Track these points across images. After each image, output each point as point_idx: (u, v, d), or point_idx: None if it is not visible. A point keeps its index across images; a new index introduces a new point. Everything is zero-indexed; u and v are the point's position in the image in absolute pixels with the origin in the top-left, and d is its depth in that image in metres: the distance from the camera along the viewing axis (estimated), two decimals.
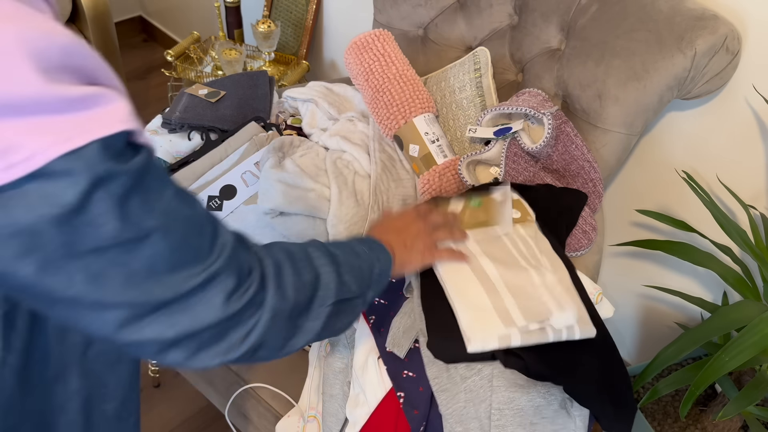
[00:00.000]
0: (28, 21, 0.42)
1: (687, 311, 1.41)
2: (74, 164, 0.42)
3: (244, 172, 1.17)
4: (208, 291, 0.53)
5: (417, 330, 0.89)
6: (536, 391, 0.84)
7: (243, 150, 1.21)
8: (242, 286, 0.55)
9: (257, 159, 1.18)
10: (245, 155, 1.20)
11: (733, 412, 0.92)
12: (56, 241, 0.44)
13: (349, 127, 1.24)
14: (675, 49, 1.06)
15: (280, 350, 0.62)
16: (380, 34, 1.27)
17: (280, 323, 0.60)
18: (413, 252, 0.83)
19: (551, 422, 0.83)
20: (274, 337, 0.59)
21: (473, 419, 0.82)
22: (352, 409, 0.88)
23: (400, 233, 0.83)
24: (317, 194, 1.08)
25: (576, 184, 1.16)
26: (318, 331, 0.65)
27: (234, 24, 1.89)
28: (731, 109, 1.18)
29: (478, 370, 0.84)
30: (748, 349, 0.87)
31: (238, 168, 1.18)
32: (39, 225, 0.43)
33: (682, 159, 1.29)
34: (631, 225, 1.45)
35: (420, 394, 0.85)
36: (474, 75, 1.26)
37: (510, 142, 1.15)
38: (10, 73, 0.40)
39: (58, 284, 0.46)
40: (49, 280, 0.45)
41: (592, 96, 1.16)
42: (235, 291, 0.54)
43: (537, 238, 0.98)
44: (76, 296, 0.47)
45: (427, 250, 0.85)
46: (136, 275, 0.48)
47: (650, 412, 1.26)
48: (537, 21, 1.25)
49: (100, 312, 0.49)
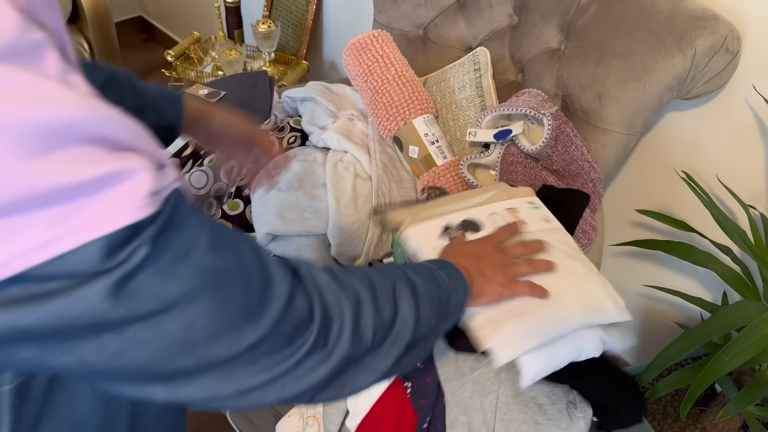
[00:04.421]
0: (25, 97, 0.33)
1: (687, 311, 1.41)
2: (61, 269, 0.35)
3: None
4: (254, 354, 0.45)
5: None
6: (541, 389, 0.84)
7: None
8: (297, 340, 0.47)
9: None
10: None
11: (733, 411, 0.92)
12: (49, 331, 0.37)
13: (348, 126, 1.24)
14: (675, 49, 1.06)
15: (341, 394, 0.53)
16: (379, 35, 1.27)
17: (347, 368, 0.51)
18: (492, 283, 0.73)
19: (555, 425, 0.83)
20: (346, 377, 0.52)
21: (478, 411, 0.82)
22: (353, 401, 0.89)
23: (479, 261, 0.73)
24: (314, 210, 1.08)
25: (576, 184, 1.16)
26: (386, 371, 0.56)
27: (234, 24, 1.89)
28: (731, 109, 1.18)
29: (487, 363, 0.84)
30: (748, 349, 0.87)
31: None
32: (29, 327, 0.36)
33: (681, 159, 1.29)
34: (630, 225, 1.45)
35: (428, 384, 0.85)
36: (474, 75, 1.26)
37: (506, 147, 1.15)
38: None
39: (71, 363, 0.39)
40: (60, 360, 0.39)
41: (591, 96, 1.16)
42: (287, 346, 0.46)
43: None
44: (95, 370, 0.41)
45: (507, 284, 0.75)
46: (167, 349, 0.41)
47: (650, 412, 1.26)
48: (537, 21, 1.25)
49: (137, 385, 0.43)
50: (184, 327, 0.41)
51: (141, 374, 0.42)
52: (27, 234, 0.34)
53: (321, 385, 0.49)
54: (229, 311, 0.43)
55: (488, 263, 0.74)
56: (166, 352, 0.41)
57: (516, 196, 1.00)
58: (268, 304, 0.45)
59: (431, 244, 0.86)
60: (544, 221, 0.97)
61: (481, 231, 0.90)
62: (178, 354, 0.41)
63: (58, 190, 0.34)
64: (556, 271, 0.81)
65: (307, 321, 0.48)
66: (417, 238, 0.88)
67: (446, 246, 0.79)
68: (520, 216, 0.95)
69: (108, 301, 0.37)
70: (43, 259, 0.34)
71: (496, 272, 0.74)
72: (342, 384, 0.51)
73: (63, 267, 0.35)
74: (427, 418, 0.84)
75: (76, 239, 0.35)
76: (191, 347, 0.42)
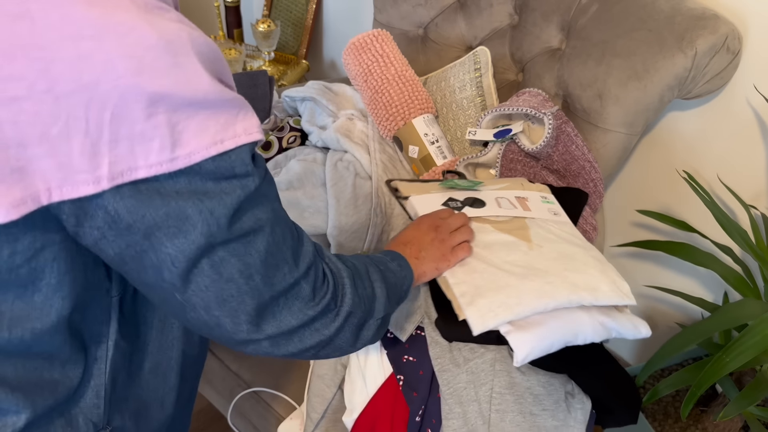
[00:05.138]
0: (192, 27, 0.47)
1: (688, 311, 1.41)
2: (222, 165, 0.48)
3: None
4: (293, 293, 0.56)
5: (420, 315, 0.89)
6: (537, 380, 0.84)
7: None
8: (318, 294, 0.59)
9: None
10: None
11: (733, 412, 0.92)
12: (199, 229, 0.48)
13: (348, 126, 1.23)
14: (675, 49, 1.06)
15: (347, 350, 0.66)
16: (379, 35, 1.26)
17: (350, 327, 0.63)
18: (426, 262, 0.83)
19: (552, 416, 0.83)
20: (343, 339, 0.63)
21: (473, 401, 0.82)
22: (350, 396, 0.88)
23: (413, 246, 0.83)
24: (314, 210, 1.08)
25: (577, 184, 1.16)
26: (368, 341, 0.68)
27: (234, 23, 1.89)
28: (732, 109, 1.18)
29: (481, 353, 0.84)
30: (749, 349, 0.87)
31: None
32: (185, 209, 0.47)
33: (682, 159, 1.29)
34: (631, 225, 1.45)
35: (420, 377, 0.85)
36: (474, 75, 1.26)
37: (507, 145, 1.15)
38: (186, 71, 0.45)
39: (187, 267, 0.50)
40: (182, 264, 0.50)
41: (592, 96, 1.16)
42: (312, 299, 0.58)
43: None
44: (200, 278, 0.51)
45: (442, 257, 0.85)
46: (251, 267, 0.52)
47: (651, 413, 1.25)
48: (537, 20, 1.25)
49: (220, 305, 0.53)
50: (262, 251, 0.53)
51: (227, 292, 0.52)
52: (209, 130, 0.47)
53: (326, 341, 0.61)
54: (286, 247, 0.55)
55: (421, 244, 0.84)
56: (250, 270, 0.52)
57: (531, 189, 1.02)
58: (302, 255, 0.57)
59: (430, 211, 0.91)
60: (553, 214, 0.98)
61: (485, 208, 0.94)
62: (252, 277, 0.53)
63: (226, 100, 0.47)
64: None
65: (324, 280, 0.60)
66: (420, 204, 0.93)
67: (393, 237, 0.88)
68: (528, 205, 0.97)
69: (244, 210, 0.51)
70: (217, 151, 0.47)
71: (429, 251, 0.84)
72: (337, 346, 0.63)
73: (224, 165, 0.48)
74: (419, 411, 0.84)
75: (236, 141, 0.48)
76: (266, 267, 0.53)
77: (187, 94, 0.45)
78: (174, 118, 0.45)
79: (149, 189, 0.46)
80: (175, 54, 0.44)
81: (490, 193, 0.99)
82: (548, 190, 1.05)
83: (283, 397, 1.01)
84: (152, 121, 0.44)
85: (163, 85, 0.44)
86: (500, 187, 1.02)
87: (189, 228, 0.48)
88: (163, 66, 0.44)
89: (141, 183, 0.46)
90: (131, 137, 0.44)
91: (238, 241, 0.51)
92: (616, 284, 0.86)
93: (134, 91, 0.43)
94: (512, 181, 1.06)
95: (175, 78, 0.44)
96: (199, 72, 0.45)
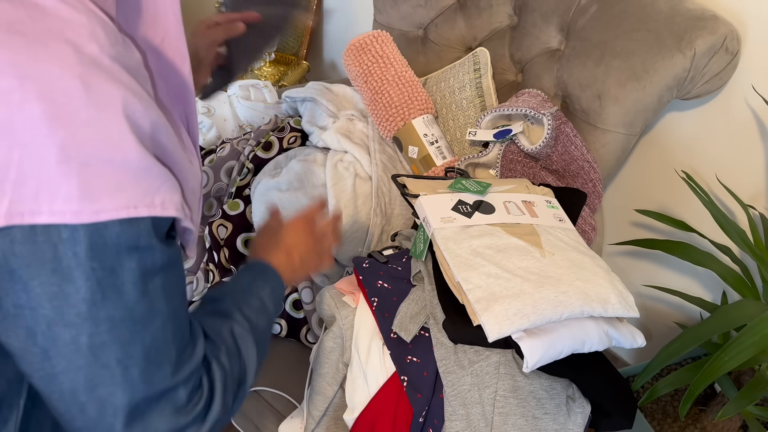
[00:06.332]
0: (140, 98, 0.47)
1: (686, 311, 1.42)
2: (128, 231, 0.46)
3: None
4: (167, 398, 0.52)
5: (425, 317, 0.89)
6: (540, 384, 0.84)
7: None
8: (191, 402, 0.55)
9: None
10: None
11: (732, 411, 0.92)
12: (81, 295, 0.46)
13: (348, 126, 1.24)
14: (675, 50, 1.06)
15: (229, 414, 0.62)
16: (378, 35, 1.27)
17: (213, 427, 0.59)
18: (301, 271, 0.81)
19: (553, 419, 0.84)
20: (220, 418, 0.59)
21: (476, 404, 0.82)
22: (351, 395, 0.89)
23: (289, 254, 0.79)
24: None
25: (576, 184, 1.16)
26: (255, 373, 0.65)
27: None
28: (731, 109, 1.18)
29: (486, 356, 0.85)
30: (747, 348, 0.87)
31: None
32: (74, 270, 0.45)
33: (681, 159, 1.29)
34: (630, 225, 1.46)
35: (424, 378, 0.85)
36: (474, 75, 1.26)
37: (507, 145, 1.15)
38: (109, 130, 0.45)
39: (63, 337, 0.47)
40: (58, 331, 0.46)
41: (591, 96, 1.16)
42: (185, 406, 0.54)
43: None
44: (71, 353, 0.48)
45: (315, 265, 0.84)
46: (132, 357, 0.49)
47: (650, 412, 1.26)
48: (537, 21, 1.25)
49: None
50: (151, 342, 0.50)
51: (100, 370, 0.49)
52: (125, 193, 0.46)
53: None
54: (174, 347, 0.52)
55: (299, 252, 0.81)
56: (131, 359, 0.49)
57: (535, 192, 1.03)
58: (189, 360, 0.54)
59: (441, 214, 0.94)
60: (558, 220, 0.99)
61: (494, 214, 0.96)
62: (135, 366, 0.49)
63: (150, 169, 0.47)
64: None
65: (199, 388, 0.56)
66: (429, 206, 0.95)
67: (264, 234, 0.84)
68: (535, 210, 0.99)
69: (135, 287, 0.48)
70: (128, 215, 0.46)
71: (307, 261, 0.81)
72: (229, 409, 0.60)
73: (130, 232, 0.47)
74: (423, 413, 0.84)
75: (150, 211, 0.47)
76: (146, 365, 0.50)
77: (105, 151, 0.44)
78: (87, 172, 0.44)
79: (47, 240, 0.44)
80: (100, 110, 0.44)
81: (497, 196, 1.00)
82: (552, 194, 1.06)
83: (284, 396, 1.01)
84: (63, 168, 0.43)
85: (77, 136, 0.43)
86: (506, 189, 1.03)
87: (72, 292, 0.45)
88: (83, 118, 0.44)
89: (40, 230, 0.44)
90: (38, 180, 0.43)
91: (123, 325, 0.48)
92: (623, 296, 0.87)
93: (47, 135, 0.43)
94: (517, 182, 1.07)
95: (94, 132, 0.44)
96: (124, 133, 0.45)
